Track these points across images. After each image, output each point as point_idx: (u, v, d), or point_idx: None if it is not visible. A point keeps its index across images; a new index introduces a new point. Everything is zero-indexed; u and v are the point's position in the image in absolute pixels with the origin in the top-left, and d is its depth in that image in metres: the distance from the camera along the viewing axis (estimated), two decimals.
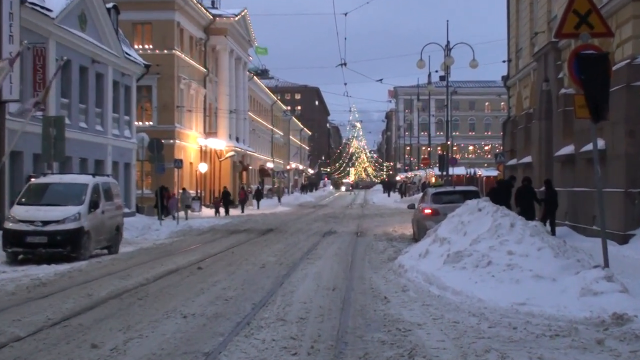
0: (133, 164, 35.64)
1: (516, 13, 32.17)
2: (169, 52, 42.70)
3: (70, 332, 9.07)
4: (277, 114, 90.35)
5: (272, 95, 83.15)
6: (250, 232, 27.82)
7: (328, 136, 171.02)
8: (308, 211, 47.66)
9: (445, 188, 23.52)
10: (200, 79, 48.75)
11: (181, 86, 44.11)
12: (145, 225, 28.59)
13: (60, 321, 9.72)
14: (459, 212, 15.52)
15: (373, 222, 33.25)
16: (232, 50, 53.82)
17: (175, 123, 42.82)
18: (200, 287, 12.81)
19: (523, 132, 30.49)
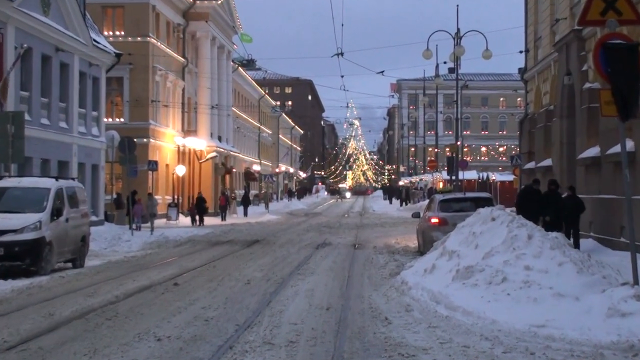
0: (102, 165, 35.55)
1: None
2: (142, 39, 42.67)
3: (29, 356, 9.02)
4: (264, 110, 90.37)
5: (260, 89, 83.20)
6: (233, 244, 27.77)
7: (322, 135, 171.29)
8: (299, 220, 47.63)
9: (454, 194, 23.50)
10: (178, 70, 48.73)
11: (157, 78, 44.08)
12: (115, 236, 28.51)
13: (18, 344, 9.67)
14: (469, 221, 15.52)
15: (373, 233, 33.25)
16: (214, 38, 53.83)
17: (149, 120, 42.78)
18: (176, 306, 12.76)
19: (542, 131, 30.54)
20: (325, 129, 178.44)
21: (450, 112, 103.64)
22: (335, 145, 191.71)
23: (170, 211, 41.78)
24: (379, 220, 44.27)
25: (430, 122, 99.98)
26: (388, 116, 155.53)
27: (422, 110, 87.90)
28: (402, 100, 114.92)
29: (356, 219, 47.55)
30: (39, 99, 29.14)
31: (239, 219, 48.20)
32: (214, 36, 53.61)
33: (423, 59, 35.35)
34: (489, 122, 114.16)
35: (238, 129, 68.99)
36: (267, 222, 45.15)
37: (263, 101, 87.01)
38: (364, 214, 55.36)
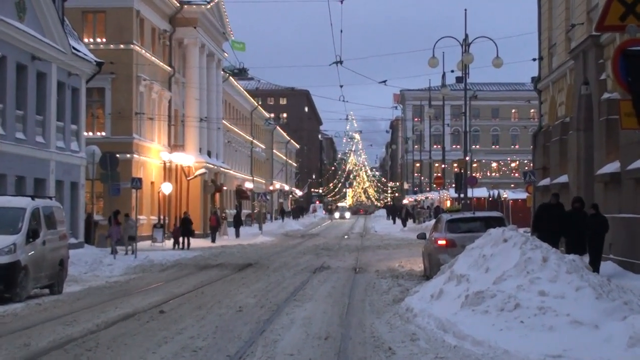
0: (81, 183, 35.55)
1: (549, 1, 32.43)
2: (126, 46, 42.78)
3: None
4: (258, 122, 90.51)
5: (252, 100, 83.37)
6: (224, 268, 27.73)
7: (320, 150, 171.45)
8: (295, 242, 47.60)
9: (463, 214, 23.52)
10: (164, 79, 48.84)
11: (141, 88, 44.15)
12: (96, 259, 28.48)
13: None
14: (479, 243, 15.53)
15: (375, 256, 33.24)
16: (203, 45, 53.98)
17: (133, 134, 42.81)
18: (162, 336, 12.74)
19: (557, 145, 30.60)
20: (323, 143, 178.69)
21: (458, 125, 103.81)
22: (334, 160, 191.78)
23: (155, 233, 41.73)
24: (382, 242, 44.25)
25: (436, 136, 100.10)
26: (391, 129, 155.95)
27: (427, 123, 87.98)
28: (406, 112, 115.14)
29: (357, 241, 47.52)
30: (14, 112, 29.17)
31: (230, 240, 48.17)
32: (202, 43, 53.76)
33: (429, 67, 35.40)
34: (499, 135, 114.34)
35: (229, 144, 69.07)
36: (261, 244, 45.12)
37: (256, 113, 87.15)
38: (365, 235, 55.34)
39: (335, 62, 34.43)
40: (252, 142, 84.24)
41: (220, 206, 59.18)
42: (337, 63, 34.40)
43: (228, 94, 68.72)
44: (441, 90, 48.45)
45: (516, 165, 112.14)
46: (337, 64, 34.42)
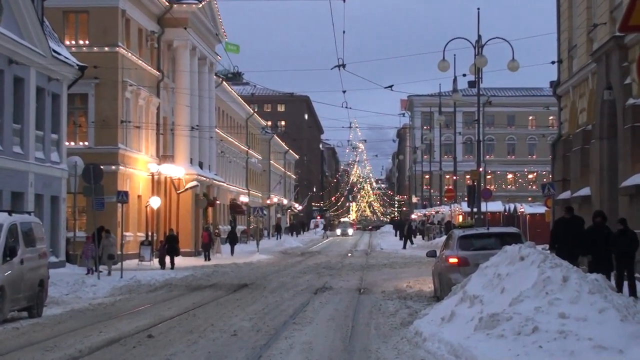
0: (63, 197, 35.57)
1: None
2: (110, 49, 42.87)
3: None
4: (253, 131, 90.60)
5: (248, 107, 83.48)
6: (217, 288, 27.70)
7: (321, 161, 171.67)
8: (294, 260, 47.54)
9: (476, 230, 23.48)
10: (152, 85, 48.91)
11: (127, 94, 44.22)
12: (79, 279, 28.45)
13: None
14: (494, 261, 15.53)
15: (381, 275, 33.20)
16: (194, 47, 54.08)
17: (118, 143, 42.86)
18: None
19: (579, 155, 30.62)
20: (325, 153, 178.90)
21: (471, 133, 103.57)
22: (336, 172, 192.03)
23: (143, 250, 41.69)
24: (388, 260, 44.19)
25: (447, 145, 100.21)
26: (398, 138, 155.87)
27: (437, 131, 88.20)
28: (414, 119, 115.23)
29: (361, 259, 47.46)
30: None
31: (224, 259, 48.14)
32: (194, 45, 53.86)
33: (439, 71, 35.45)
34: (516, 144, 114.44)
35: (222, 154, 69.12)
36: (257, 262, 45.06)
37: (252, 121, 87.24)
38: (370, 253, 55.26)
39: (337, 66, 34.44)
40: (247, 152, 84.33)
41: (213, 222, 59.17)
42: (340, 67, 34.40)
43: (221, 101, 68.81)
44: (452, 95, 48.53)
45: (534, 176, 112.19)
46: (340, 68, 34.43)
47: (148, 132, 48.12)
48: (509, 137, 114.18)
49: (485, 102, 78.69)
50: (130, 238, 43.35)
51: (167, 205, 50.52)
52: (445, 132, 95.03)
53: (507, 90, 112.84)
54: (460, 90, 49.20)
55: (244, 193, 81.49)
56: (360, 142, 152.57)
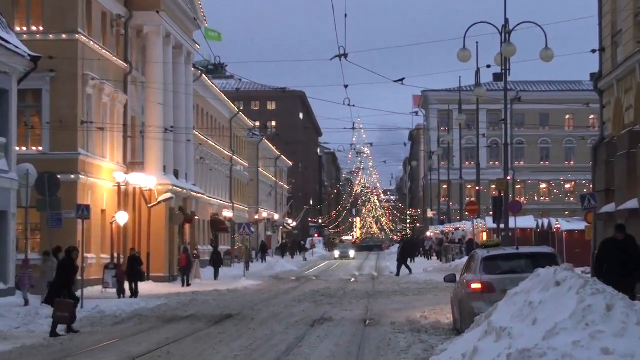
0: (12, 212, 35.48)
1: None
2: (69, 36, 42.85)
3: None
4: (239, 133, 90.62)
5: (232, 105, 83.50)
6: (196, 320, 27.66)
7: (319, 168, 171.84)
8: (288, 286, 47.52)
9: (503, 250, 23.47)
10: (118, 78, 48.93)
11: (88, 90, 44.25)
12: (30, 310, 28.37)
13: None
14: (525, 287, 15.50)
15: (390, 304, 33.17)
16: (168, 34, 54.12)
17: (78, 148, 42.86)
18: None
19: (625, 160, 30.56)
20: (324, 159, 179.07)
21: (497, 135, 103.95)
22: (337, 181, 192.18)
23: (107, 275, 41.61)
24: (399, 286, 44.17)
25: (469, 149, 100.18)
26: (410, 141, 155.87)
27: (457, 133, 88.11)
28: (429, 119, 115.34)
29: (367, 285, 47.43)
30: None
31: (204, 284, 48.10)
32: (167, 32, 53.90)
33: (458, 61, 35.46)
34: (550, 148, 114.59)
35: (202, 161, 69.10)
36: (243, 289, 45.02)
37: (237, 121, 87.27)
38: (377, 278, 55.25)
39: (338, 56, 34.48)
40: (231, 158, 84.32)
41: (190, 241, 59.14)
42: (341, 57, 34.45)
43: (201, 97, 68.83)
44: (475, 90, 48.51)
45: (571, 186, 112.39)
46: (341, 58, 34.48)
47: (114, 135, 48.09)
48: (542, 139, 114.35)
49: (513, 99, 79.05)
50: (92, 261, 43.29)
51: (136, 222, 50.46)
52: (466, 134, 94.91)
53: (539, 85, 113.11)
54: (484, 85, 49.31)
55: (227, 207, 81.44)
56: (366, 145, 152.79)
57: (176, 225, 55.09)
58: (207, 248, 67.05)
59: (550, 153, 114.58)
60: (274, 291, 43.38)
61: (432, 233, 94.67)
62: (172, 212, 53.68)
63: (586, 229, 39.88)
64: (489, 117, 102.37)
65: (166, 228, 52.87)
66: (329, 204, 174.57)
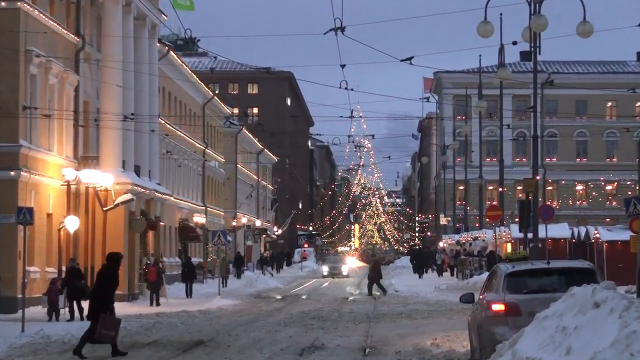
0: None
1: None
2: (9, 4, 42.75)
3: None
4: (214, 122, 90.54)
5: (205, 88, 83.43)
6: (160, 348, 27.67)
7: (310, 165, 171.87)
8: (271, 307, 47.54)
9: (531, 264, 23.48)
10: (69, 55, 48.84)
11: (32, 69, 44.19)
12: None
13: None
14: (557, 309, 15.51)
15: (395, 328, 33.20)
16: (128, 3, 54.05)
17: (19, 139, 42.83)
18: None
19: None
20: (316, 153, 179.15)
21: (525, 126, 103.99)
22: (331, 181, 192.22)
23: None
24: (405, 308, 44.21)
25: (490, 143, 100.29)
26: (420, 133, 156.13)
27: (477, 123, 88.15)
28: (443, 106, 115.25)
29: (367, 305, 47.45)
30: None
31: (172, 304, 48.11)
32: (128, 0, 53.85)
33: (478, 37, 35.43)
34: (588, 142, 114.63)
35: (169, 155, 69.03)
36: (218, 310, 44.99)
37: (211, 108, 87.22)
38: (379, 297, 55.29)
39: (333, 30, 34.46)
40: (204, 152, 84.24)
41: (154, 251, 59.08)
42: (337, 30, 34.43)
43: (168, 79, 68.72)
44: (498, 72, 48.52)
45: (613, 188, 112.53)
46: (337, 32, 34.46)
47: (62, 124, 48.03)
48: (579, 131, 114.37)
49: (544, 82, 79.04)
50: (35, 275, 43.22)
51: (89, 228, 50.40)
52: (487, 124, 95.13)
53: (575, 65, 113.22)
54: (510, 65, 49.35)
55: (199, 211, 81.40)
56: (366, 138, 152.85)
57: (137, 233, 55.04)
58: (175, 260, 67.02)
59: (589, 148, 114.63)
60: (254, 313, 43.38)
61: (445, 244, 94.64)
62: (132, 216, 53.64)
63: (631, 239, 39.88)
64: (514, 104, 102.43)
65: (125, 236, 52.81)
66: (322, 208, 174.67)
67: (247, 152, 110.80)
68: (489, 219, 68.06)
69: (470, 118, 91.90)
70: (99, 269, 27.51)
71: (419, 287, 63.33)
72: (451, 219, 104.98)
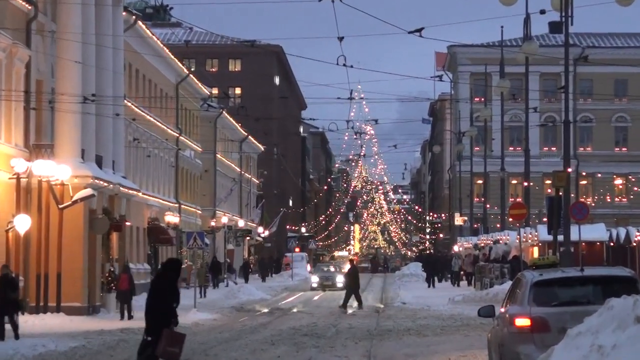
0: None
1: None
2: None
3: None
4: (189, 105, 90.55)
5: (179, 65, 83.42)
6: None
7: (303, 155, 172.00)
8: (257, 322, 47.60)
9: (562, 272, 23.51)
10: (18, 26, 48.87)
11: None
12: None
13: None
14: (592, 324, 15.52)
15: (402, 347, 33.30)
16: None
17: None
18: None
19: None
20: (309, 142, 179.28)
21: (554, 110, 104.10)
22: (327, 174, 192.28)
23: None
24: (414, 323, 44.29)
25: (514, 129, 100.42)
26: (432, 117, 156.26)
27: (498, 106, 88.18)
28: (458, 86, 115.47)
29: (368, 320, 47.54)
30: None
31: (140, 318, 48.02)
32: None
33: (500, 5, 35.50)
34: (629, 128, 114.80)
35: (136, 143, 69.00)
36: (194, 325, 45.00)
37: (186, 88, 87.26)
38: (383, 310, 55.40)
39: None
40: (178, 139, 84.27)
41: (119, 256, 59.04)
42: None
43: (135, 54, 68.67)
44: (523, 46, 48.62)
45: None
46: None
47: (11, 106, 48.11)
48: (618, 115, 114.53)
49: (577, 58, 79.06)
50: None
51: (42, 229, 50.42)
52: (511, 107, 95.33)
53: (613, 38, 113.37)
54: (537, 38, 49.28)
55: (171, 209, 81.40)
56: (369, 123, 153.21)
57: (99, 235, 55.08)
58: (143, 267, 67.04)
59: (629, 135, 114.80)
60: (236, 329, 43.45)
61: (460, 247, 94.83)
62: (93, 215, 53.68)
63: None
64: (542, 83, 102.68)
65: (84, 238, 52.86)
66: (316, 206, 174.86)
67: (229, 140, 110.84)
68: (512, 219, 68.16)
69: (491, 100, 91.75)
70: (154, 278, 27.65)
71: (429, 299, 63.47)
72: (468, 219, 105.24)
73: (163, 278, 26.13)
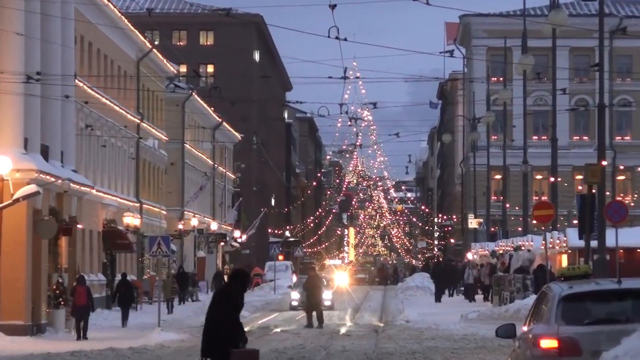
0: None
1: None
2: None
3: None
4: (152, 85, 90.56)
5: (141, 38, 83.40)
6: None
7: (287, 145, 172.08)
8: None
9: (595, 284, 23.58)
10: None
11: None
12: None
13: None
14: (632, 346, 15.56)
15: None
16: None
17: None
18: None
19: None
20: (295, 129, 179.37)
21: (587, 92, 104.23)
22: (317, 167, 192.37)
23: None
24: (420, 345, 44.39)
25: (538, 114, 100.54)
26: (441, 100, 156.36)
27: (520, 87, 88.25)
28: (472, 63, 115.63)
29: (365, 341, 47.61)
30: None
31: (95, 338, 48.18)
32: None
33: None
34: None
35: (89, 131, 69.05)
36: (158, 347, 45.08)
37: (148, 65, 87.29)
38: (383, 330, 55.50)
39: None
40: (139, 126, 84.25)
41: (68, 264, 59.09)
42: None
43: (88, 25, 68.71)
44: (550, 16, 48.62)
45: None
46: None
47: None
48: None
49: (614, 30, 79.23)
50: None
51: None
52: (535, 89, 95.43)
53: None
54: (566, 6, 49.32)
55: (131, 209, 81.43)
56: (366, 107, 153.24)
57: (45, 239, 55.11)
58: (97, 278, 67.03)
59: None
60: None
61: (475, 255, 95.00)
62: (38, 216, 53.75)
63: None
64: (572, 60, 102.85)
65: (28, 243, 52.93)
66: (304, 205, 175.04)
67: (199, 127, 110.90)
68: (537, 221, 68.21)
69: (511, 80, 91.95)
70: (219, 291, 27.70)
71: (438, 316, 63.63)
72: (484, 221, 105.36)
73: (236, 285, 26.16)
